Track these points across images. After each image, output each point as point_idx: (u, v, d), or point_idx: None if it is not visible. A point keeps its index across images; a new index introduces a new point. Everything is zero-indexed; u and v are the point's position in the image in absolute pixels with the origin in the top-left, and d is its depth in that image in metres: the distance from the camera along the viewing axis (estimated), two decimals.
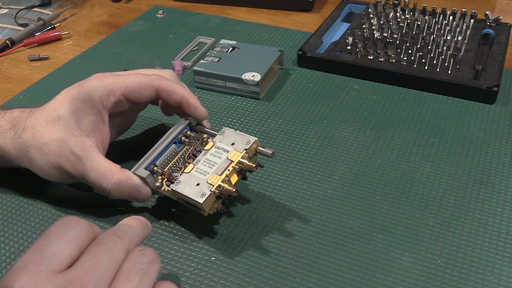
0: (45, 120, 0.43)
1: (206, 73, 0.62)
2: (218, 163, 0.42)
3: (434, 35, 0.68)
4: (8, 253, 0.43)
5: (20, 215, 0.47)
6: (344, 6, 0.78)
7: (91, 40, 0.77)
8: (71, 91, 0.44)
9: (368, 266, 0.41)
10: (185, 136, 0.47)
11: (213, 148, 0.43)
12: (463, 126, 0.56)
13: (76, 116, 0.43)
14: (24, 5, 0.88)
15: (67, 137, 0.43)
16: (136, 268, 0.30)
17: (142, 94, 0.44)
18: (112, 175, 0.42)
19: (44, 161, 0.43)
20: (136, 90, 0.44)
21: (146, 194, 0.44)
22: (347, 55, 0.66)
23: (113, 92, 0.43)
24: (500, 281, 0.40)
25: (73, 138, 0.43)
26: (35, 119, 0.44)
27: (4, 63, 0.72)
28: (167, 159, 0.45)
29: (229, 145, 0.43)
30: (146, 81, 0.44)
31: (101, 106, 0.43)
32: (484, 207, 0.46)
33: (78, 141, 0.43)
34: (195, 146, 0.46)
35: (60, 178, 0.44)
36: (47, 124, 0.43)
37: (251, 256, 0.42)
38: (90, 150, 0.43)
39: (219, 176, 0.41)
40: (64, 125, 0.43)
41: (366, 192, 0.48)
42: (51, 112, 0.44)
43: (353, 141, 0.54)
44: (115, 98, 0.43)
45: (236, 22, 0.79)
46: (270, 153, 0.42)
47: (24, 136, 0.44)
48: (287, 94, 0.62)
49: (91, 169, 0.42)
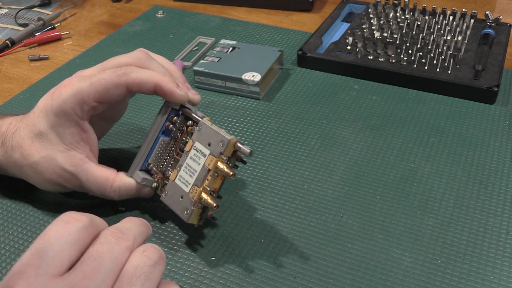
0: (29, 138, 0.42)
1: (206, 73, 0.62)
2: (197, 171, 0.40)
3: (434, 35, 0.68)
4: (8, 253, 0.43)
5: (20, 215, 0.47)
6: (344, 6, 0.78)
7: (91, 40, 0.77)
8: (45, 103, 0.42)
9: (368, 266, 0.41)
10: (172, 123, 0.44)
11: (192, 151, 0.41)
12: (463, 126, 0.56)
13: (56, 131, 0.42)
14: (24, 5, 0.88)
15: (54, 154, 0.42)
16: (138, 272, 0.29)
17: (114, 95, 0.42)
18: (110, 184, 0.42)
19: (39, 178, 0.43)
20: (106, 93, 0.41)
21: (148, 192, 0.44)
22: (347, 55, 0.66)
23: (84, 101, 0.41)
24: (500, 281, 0.40)
25: (60, 155, 0.42)
26: (19, 137, 0.43)
27: (4, 63, 0.72)
28: (158, 154, 0.44)
29: (206, 147, 0.41)
30: (113, 81, 0.41)
31: (76, 118, 0.41)
32: (484, 207, 0.46)
33: (66, 156, 0.42)
34: (181, 139, 0.44)
35: (61, 190, 0.44)
36: (32, 141, 0.42)
37: (251, 256, 0.42)
38: (80, 163, 0.42)
39: (199, 189, 0.40)
40: (47, 142, 0.42)
41: (366, 192, 0.48)
42: (32, 127, 0.42)
43: (353, 141, 0.54)
44: (88, 107, 0.41)
45: (236, 22, 0.79)
46: (248, 152, 0.40)
47: (14, 156, 0.43)
48: (287, 94, 0.62)
49: (88, 182, 0.42)
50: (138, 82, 0.41)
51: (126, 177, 0.43)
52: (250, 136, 0.55)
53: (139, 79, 0.41)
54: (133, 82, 0.41)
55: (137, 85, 0.42)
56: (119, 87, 0.41)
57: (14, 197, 0.48)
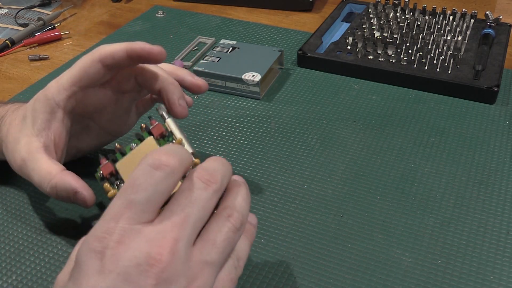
0: (19, 118, 0.43)
1: (206, 73, 0.62)
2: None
3: (434, 35, 0.68)
4: (8, 253, 0.43)
5: (20, 215, 0.47)
6: (344, 6, 0.78)
7: (91, 40, 0.77)
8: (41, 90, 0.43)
9: (368, 266, 0.41)
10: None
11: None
12: (463, 126, 0.56)
13: (33, 115, 0.42)
14: (24, 5, 0.88)
15: (21, 137, 0.42)
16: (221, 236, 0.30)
17: (91, 74, 0.41)
18: (50, 178, 0.40)
19: (6, 157, 0.43)
20: (83, 74, 0.41)
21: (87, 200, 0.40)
22: (347, 55, 0.66)
23: (63, 86, 0.41)
24: (500, 281, 0.40)
25: (24, 139, 0.42)
26: (15, 116, 0.44)
27: (4, 63, 0.72)
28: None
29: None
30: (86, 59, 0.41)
31: (54, 104, 0.41)
32: (484, 207, 0.46)
33: (27, 141, 0.41)
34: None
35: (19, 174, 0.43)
36: (18, 122, 0.43)
37: (251, 256, 0.42)
38: (35, 151, 0.41)
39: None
40: (24, 124, 0.42)
41: (366, 192, 0.48)
42: (24, 111, 0.43)
43: (353, 141, 0.54)
44: (66, 92, 0.41)
45: (236, 22, 0.79)
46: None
47: (2, 131, 0.44)
48: (287, 94, 0.62)
49: (33, 172, 0.41)
50: (109, 52, 0.40)
51: (68, 177, 0.40)
52: (250, 136, 0.55)
53: (109, 49, 0.40)
54: (105, 54, 0.40)
55: (110, 56, 0.40)
56: (93, 63, 0.41)
57: (14, 197, 0.48)
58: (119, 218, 0.28)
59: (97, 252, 0.27)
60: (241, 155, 0.53)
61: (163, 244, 0.27)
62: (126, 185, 0.29)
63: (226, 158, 0.52)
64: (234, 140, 0.55)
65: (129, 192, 0.28)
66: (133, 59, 0.41)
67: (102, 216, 0.29)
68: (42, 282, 0.41)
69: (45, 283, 0.40)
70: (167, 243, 0.27)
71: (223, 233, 0.30)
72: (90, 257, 0.27)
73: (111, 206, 0.29)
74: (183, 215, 0.29)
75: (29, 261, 0.42)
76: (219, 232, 0.30)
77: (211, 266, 0.29)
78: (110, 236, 0.27)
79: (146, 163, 0.29)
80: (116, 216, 0.28)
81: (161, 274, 0.27)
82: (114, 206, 0.28)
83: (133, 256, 0.27)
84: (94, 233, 0.28)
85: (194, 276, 0.28)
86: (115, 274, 0.26)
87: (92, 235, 0.28)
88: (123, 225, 0.28)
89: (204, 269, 0.29)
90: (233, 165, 0.52)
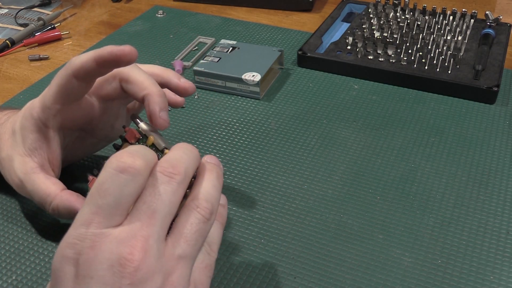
0: (8, 133, 0.43)
1: (206, 73, 0.62)
2: None
3: (434, 35, 0.68)
4: (8, 253, 0.43)
5: (20, 214, 0.47)
6: (344, 6, 0.78)
7: (91, 40, 0.77)
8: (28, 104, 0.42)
9: (368, 266, 0.41)
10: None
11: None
12: (463, 126, 0.56)
13: (22, 133, 0.41)
14: (24, 5, 0.88)
15: (14, 155, 0.41)
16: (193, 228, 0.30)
17: (69, 89, 0.39)
18: (51, 200, 0.40)
19: (2, 172, 0.43)
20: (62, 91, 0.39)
21: None
22: (347, 55, 0.66)
23: (46, 105, 0.40)
24: (500, 281, 0.40)
25: (18, 158, 0.41)
26: (4, 129, 0.43)
27: (4, 63, 0.72)
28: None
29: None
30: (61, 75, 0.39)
31: (40, 124, 0.40)
32: (484, 207, 0.46)
33: (21, 161, 0.41)
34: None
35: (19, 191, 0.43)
36: (9, 137, 0.42)
37: (251, 256, 0.42)
38: (30, 172, 0.41)
39: None
40: (14, 141, 0.42)
41: (366, 192, 0.48)
42: (13, 124, 0.42)
43: (353, 141, 0.54)
44: (50, 111, 0.40)
45: (236, 22, 0.79)
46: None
47: None
48: (287, 94, 0.62)
49: (33, 193, 0.41)
50: (79, 64, 0.38)
51: (68, 197, 0.40)
52: (250, 136, 0.55)
53: (79, 61, 0.38)
54: (75, 67, 0.38)
55: (81, 69, 0.38)
56: (68, 79, 0.39)
57: (14, 197, 0.48)
58: (89, 224, 0.28)
59: (70, 258, 0.27)
60: (241, 155, 0.53)
61: (133, 244, 0.27)
62: (93, 191, 0.29)
63: (226, 158, 0.52)
64: (234, 140, 0.55)
65: (97, 197, 0.28)
66: (104, 66, 0.38)
67: (73, 223, 0.29)
68: (42, 282, 0.41)
69: (45, 283, 0.40)
70: (137, 242, 0.27)
71: (194, 225, 0.30)
72: (64, 264, 0.27)
73: (80, 213, 0.29)
74: (150, 212, 0.29)
75: (29, 261, 0.42)
76: (189, 224, 0.30)
77: (185, 259, 0.29)
78: (82, 242, 0.27)
79: (110, 167, 0.29)
80: (86, 222, 0.28)
81: (135, 273, 0.27)
82: (83, 213, 0.28)
83: (105, 259, 0.27)
84: (66, 240, 0.28)
85: (169, 271, 0.28)
86: (89, 279, 0.27)
87: (64, 242, 0.28)
88: (93, 230, 0.28)
89: (179, 263, 0.29)
90: (233, 165, 0.52)
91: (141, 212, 0.29)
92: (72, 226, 0.28)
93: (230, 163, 0.52)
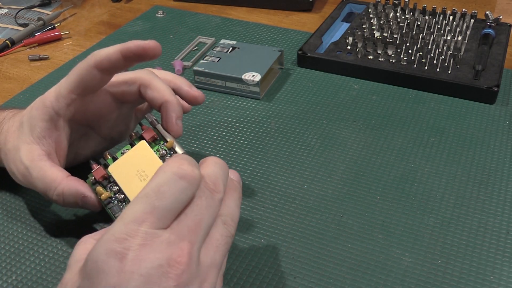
0: (16, 125, 0.43)
1: (206, 73, 0.62)
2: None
3: (434, 35, 0.68)
4: (8, 253, 0.43)
5: (20, 215, 0.47)
6: (344, 6, 0.78)
7: (91, 40, 0.77)
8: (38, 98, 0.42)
9: (368, 266, 0.41)
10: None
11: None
12: (463, 126, 0.56)
13: (30, 122, 0.41)
14: (24, 5, 0.88)
15: (20, 144, 0.42)
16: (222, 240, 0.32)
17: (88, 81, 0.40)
18: (56, 185, 0.40)
19: (6, 166, 0.43)
20: (80, 81, 0.40)
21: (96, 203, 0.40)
22: (347, 55, 0.66)
23: (61, 94, 0.41)
24: (500, 281, 0.40)
25: (24, 146, 0.41)
26: (12, 123, 0.44)
27: (4, 63, 0.72)
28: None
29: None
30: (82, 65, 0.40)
31: (52, 112, 0.41)
32: (484, 207, 0.46)
33: (28, 149, 0.41)
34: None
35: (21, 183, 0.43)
36: (16, 129, 0.43)
37: (251, 256, 0.42)
38: (37, 159, 0.41)
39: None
40: (21, 132, 0.42)
41: (366, 192, 0.48)
42: (21, 117, 0.43)
43: (353, 141, 0.54)
44: (65, 100, 0.41)
45: (236, 22, 0.79)
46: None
47: (0, 138, 0.44)
48: (287, 94, 0.62)
49: (38, 180, 0.41)
50: (105, 55, 0.39)
51: (74, 183, 0.40)
52: (250, 136, 0.55)
53: (104, 52, 0.39)
54: (100, 59, 0.39)
55: (106, 59, 0.39)
56: (89, 69, 0.40)
57: (14, 197, 0.48)
58: (142, 222, 0.29)
59: (117, 252, 0.28)
60: (241, 155, 0.53)
61: (182, 247, 0.29)
62: (150, 191, 0.30)
63: (226, 158, 0.52)
64: (234, 140, 0.55)
65: (153, 197, 0.29)
66: (129, 58, 0.40)
67: (120, 218, 0.29)
68: (42, 282, 0.41)
69: (45, 283, 0.40)
70: (185, 247, 0.29)
71: (223, 237, 0.32)
72: (109, 258, 0.28)
73: (131, 210, 0.29)
74: (197, 220, 0.30)
75: (29, 261, 0.42)
76: (219, 236, 0.32)
77: (215, 268, 0.31)
78: (132, 238, 0.28)
79: (171, 171, 0.30)
80: (139, 220, 0.29)
81: (181, 275, 0.28)
82: (135, 210, 0.29)
83: (155, 258, 0.28)
84: (113, 234, 0.28)
85: (203, 278, 0.30)
86: (137, 275, 0.27)
87: (111, 235, 0.28)
88: (146, 229, 0.28)
89: (210, 271, 0.31)
90: (233, 165, 0.52)
91: (190, 219, 0.30)
92: (119, 221, 0.29)
93: (230, 163, 0.52)
